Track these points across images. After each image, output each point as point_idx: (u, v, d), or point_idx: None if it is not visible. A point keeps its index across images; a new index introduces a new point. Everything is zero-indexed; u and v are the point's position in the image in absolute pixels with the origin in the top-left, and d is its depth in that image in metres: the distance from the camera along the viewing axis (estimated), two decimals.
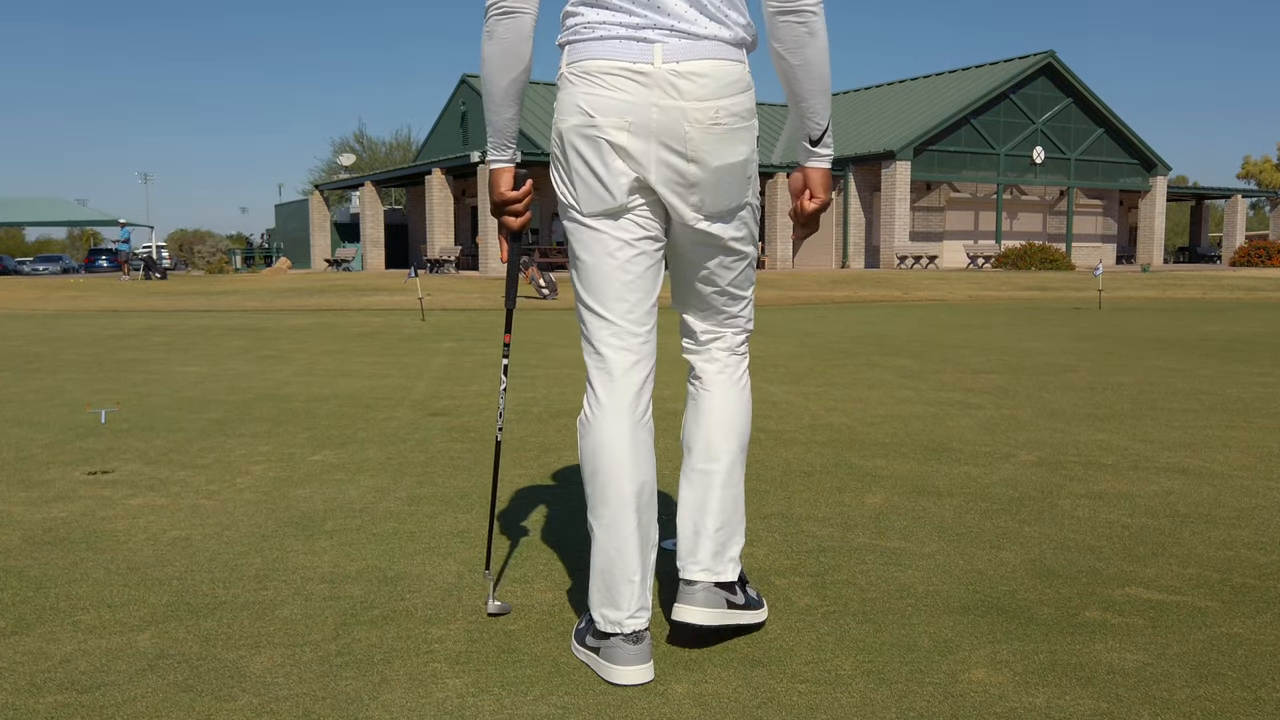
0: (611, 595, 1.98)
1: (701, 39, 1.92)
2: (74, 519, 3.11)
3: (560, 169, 2.02)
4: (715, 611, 2.06)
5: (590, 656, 2.01)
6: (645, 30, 1.91)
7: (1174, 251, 48.73)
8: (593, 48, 1.93)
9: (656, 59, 1.90)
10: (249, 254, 51.27)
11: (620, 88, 1.90)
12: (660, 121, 1.91)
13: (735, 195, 2.01)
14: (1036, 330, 10.65)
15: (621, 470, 1.98)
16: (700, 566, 2.07)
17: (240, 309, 15.61)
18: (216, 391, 5.95)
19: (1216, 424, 4.73)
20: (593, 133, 1.93)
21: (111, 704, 1.85)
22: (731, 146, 1.96)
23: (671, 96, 1.90)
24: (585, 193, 1.98)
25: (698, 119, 1.92)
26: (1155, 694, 1.88)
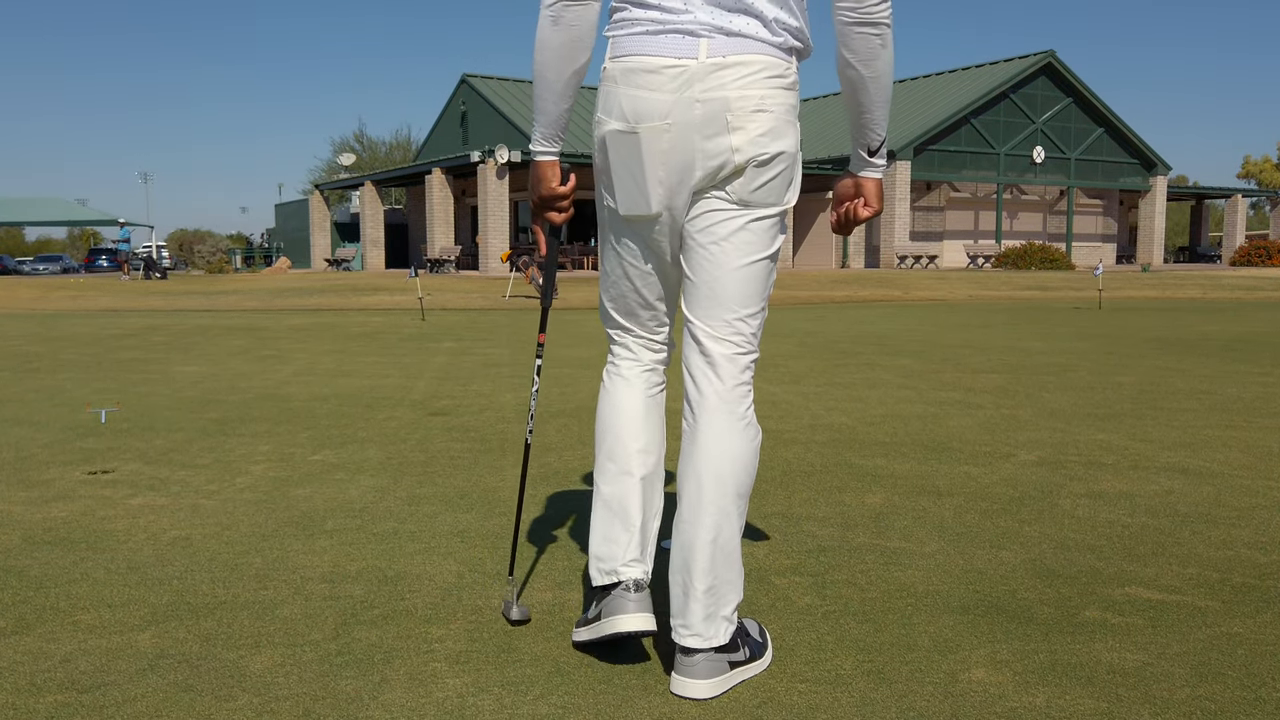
0: (609, 544, 2.02)
1: (748, 38, 1.86)
2: (74, 519, 3.11)
3: (601, 172, 1.99)
4: (718, 680, 1.89)
5: (593, 628, 2.01)
6: (692, 26, 1.86)
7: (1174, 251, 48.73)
8: (636, 42, 1.89)
9: (701, 53, 1.85)
10: (249, 254, 51.28)
11: (662, 87, 1.86)
12: (703, 117, 1.86)
13: (772, 194, 1.93)
14: (1036, 330, 10.65)
15: (630, 429, 2.06)
16: (691, 632, 1.90)
17: (240, 309, 15.61)
18: (216, 391, 5.95)
19: (1216, 424, 4.73)
20: (633, 140, 1.89)
21: (112, 703, 1.85)
22: (772, 141, 1.88)
23: (714, 89, 1.85)
24: (624, 196, 1.95)
25: (739, 108, 1.85)
26: (1155, 693, 1.88)
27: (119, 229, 30.91)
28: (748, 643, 1.99)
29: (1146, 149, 37.08)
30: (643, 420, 2.07)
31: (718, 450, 1.93)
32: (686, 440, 1.98)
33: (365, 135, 58.09)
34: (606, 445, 2.08)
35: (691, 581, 1.91)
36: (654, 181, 1.90)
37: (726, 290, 1.96)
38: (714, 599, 1.91)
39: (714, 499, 1.91)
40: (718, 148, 1.87)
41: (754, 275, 1.96)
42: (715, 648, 1.90)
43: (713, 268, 1.95)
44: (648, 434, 2.07)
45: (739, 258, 1.95)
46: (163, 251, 44.49)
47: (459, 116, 38.29)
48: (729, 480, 1.92)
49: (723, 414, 1.94)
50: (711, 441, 1.93)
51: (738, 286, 1.96)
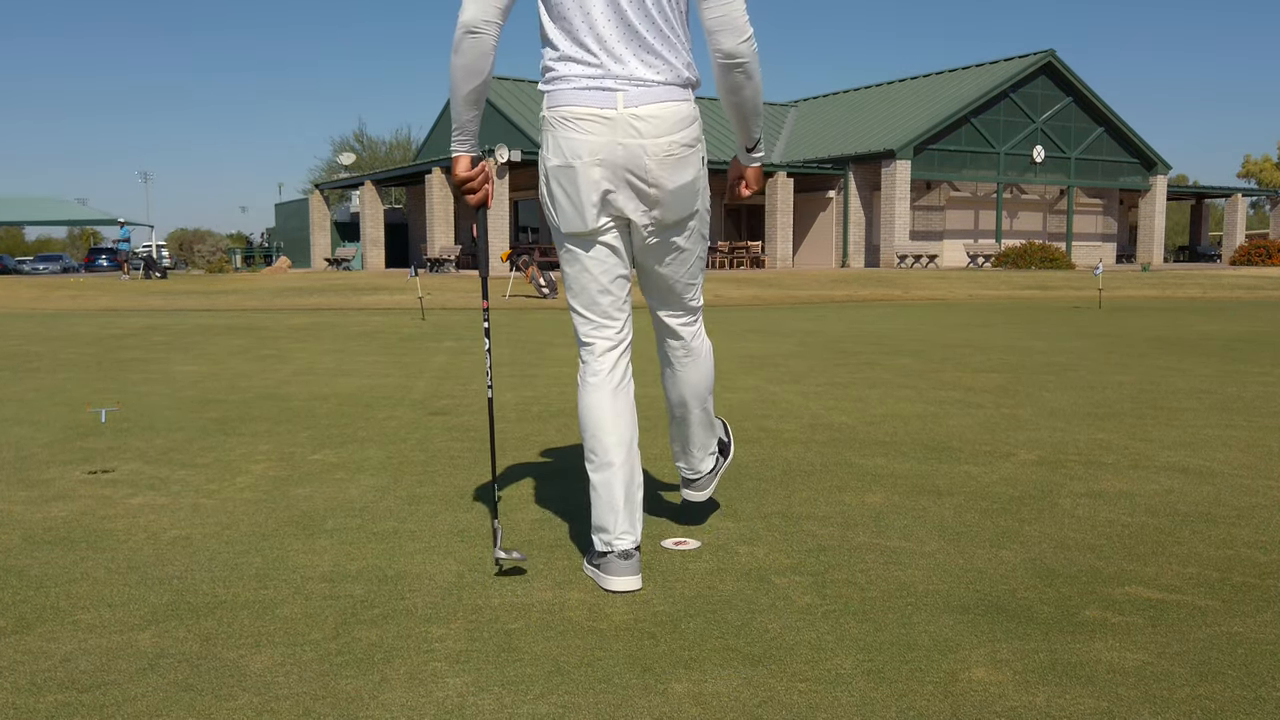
0: (602, 521, 2.50)
1: (653, 85, 2.37)
2: (74, 518, 3.11)
3: (546, 198, 2.49)
4: (710, 490, 2.96)
5: (594, 572, 2.53)
6: (607, 80, 2.35)
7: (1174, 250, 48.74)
8: (567, 95, 2.37)
9: (619, 105, 2.35)
10: (249, 253, 51.28)
11: (590, 130, 2.36)
12: (624, 156, 2.37)
13: (687, 206, 2.50)
14: (1036, 329, 10.65)
15: (605, 425, 2.51)
16: (691, 470, 2.92)
17: (240, 308, 15.60)
18: (216, 391, 5.95)
19: (1216, 423, 4.73)
20: (571, 172, 2.40)
21: (112, 703, 1.85)
22: (683, 171, 2.43)
23: (632, 136, 2.36)
24: (564, 218, 2.46)
25: (654, 153, 2.38)
26: (1155, 693, 1.88)
27: (119, 228, 30.89)
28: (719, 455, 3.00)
29: (1146, 148, 37.08)
30: (614, 416, 2.52)
31: (692, 377, 2.78)
32: (670, 369, 2.78)
33: (365, 135, 58.10)
34: (588, 441, 2.54)
35: (690, 445, 2.88)
36: (588, 205, 2.42)
37: (677, 288, 2.66)
38: (703, 449, 2.89)
39: (696, 403, 2.81)
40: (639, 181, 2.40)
41: (689, 263, 2.62)
42: (706, 471, 2.94)
43: (662, 277, 2.62)
44: (619, 428, 2.52)
45: (680, 266, 2.61)
46: (163, 251, 44.47)
47: None
48: (702, 391, 2.81)
49: (690, 358, 2.77)
50: (687, 373, 2.78)
51: (686, 283, 2.66)
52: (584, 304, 2.55)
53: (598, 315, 2.55)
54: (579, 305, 2.56)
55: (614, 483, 2.50)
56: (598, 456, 2.51)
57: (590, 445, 2.53)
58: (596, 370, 2.55)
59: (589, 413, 2.53)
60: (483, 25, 2.32)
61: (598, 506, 2.51)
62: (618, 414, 2.52)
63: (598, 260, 2.50)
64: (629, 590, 2.45)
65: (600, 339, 2.56)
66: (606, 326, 2.56)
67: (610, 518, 2.49)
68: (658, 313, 2.74)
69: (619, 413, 2.53)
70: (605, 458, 2.50)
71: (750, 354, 8.06)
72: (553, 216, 2.49)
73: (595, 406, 2.52)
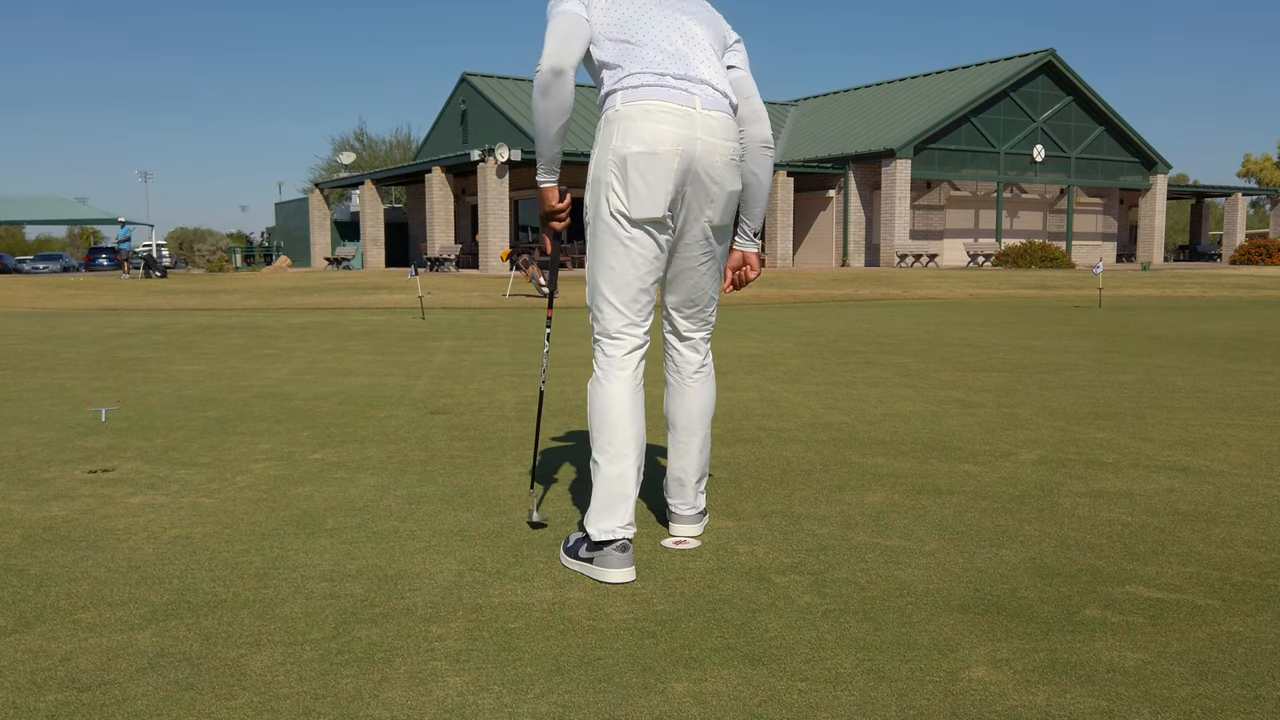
0: (611, 510, 2.53)
1: (718, 96, 2.60)
2: (74, 517, 3.11)
3: (616, 185, 2.54)
4: (700, 526, 2.92)
5: (583, 566, 2.56)
6: (684, 83, 2.56)
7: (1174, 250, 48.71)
8: (647, 92, 2.54)
9: (697, 105, 2.55)
10: (249, 252, 51.25)
11: (673, 124, 2.51)
12: (702, 151, 2.54)
13: (732, 213, 2.70)
14: (1036, 329, 10.65)
15: (625, 418, 2.57)
16: (689, 505, 2.89)
17: (240, 307, 15.61)
18: (216, 390, 5.95)
19: (1217, 422, 4.73)
20: (654, 158, 2.50)
21: (112, 702, 1.85)
22: (736, 178, 2.65)
23: (708, 134, 2.55)
24: (638, 202, 2.52)
25: (721, 153, 2.58)
26: (1155, 692, 1.88)
27: (120, 228, 30.88)
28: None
29: (1146, 147, 37.07)
30: (631, 411, 2.59)
31: (699, 399, 2.86)
32: (678, 391, 2.86)
33: (365, 134, 58.08)
34: (605, 433, 2.57)
35: (689, 477, 2.86)
36: (664, 191, 2.52)
37: (702, 299, 2.80)
38: (700, 483, 2.89)
39: (700, 425, 2.86)
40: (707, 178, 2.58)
41: (716, 276, 2.79)
42: (699, 510, 2.92)
43: (696, 284, 2.76)
44: (636, 423, 2.59)
45: (712, 274, 2.77)
46: (163, 250, 44.46)
47: (459, 115, 38.27)
48: (708, 415, 2.88)
49: (702, 378, 2.87)
50: (696, 394, 2.85)
51: (711, 295, 2.81)
52: (623, 299, 2.60)
53: (634, 313, 2.62)
54: (616, 299, 2.60)
55: (629, 474, 2.54)
56: (613, 448, 2.55)
57: (606, 437, 2.56)
58: (622, 365, 2.61)
59: (610, 405, 2.57)
60: (567, 67, 2.53)
61: (606, 497, 2.54)
62: (636, 410, 2.60)
63: (646, 253, 2.57)
64: (628, 581, 2.48)
65: (630, 336, 2.63)
66: (638, 325, 2.64)
67: (621, 507, 2.53)
68: (679, 323, 2.83)
69: (637, 408, 2.60)
70: (621, 449, 2.55)
71: (750, 353, 8.06)
72: (621, 202, 2.53)
73: (617, 400, 2.57)
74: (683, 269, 2.73)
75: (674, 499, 2.90)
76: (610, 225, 2.56)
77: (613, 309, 2.61)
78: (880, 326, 11.09)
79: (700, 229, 2.65)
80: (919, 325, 11.27)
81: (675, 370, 2.87)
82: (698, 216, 2.62)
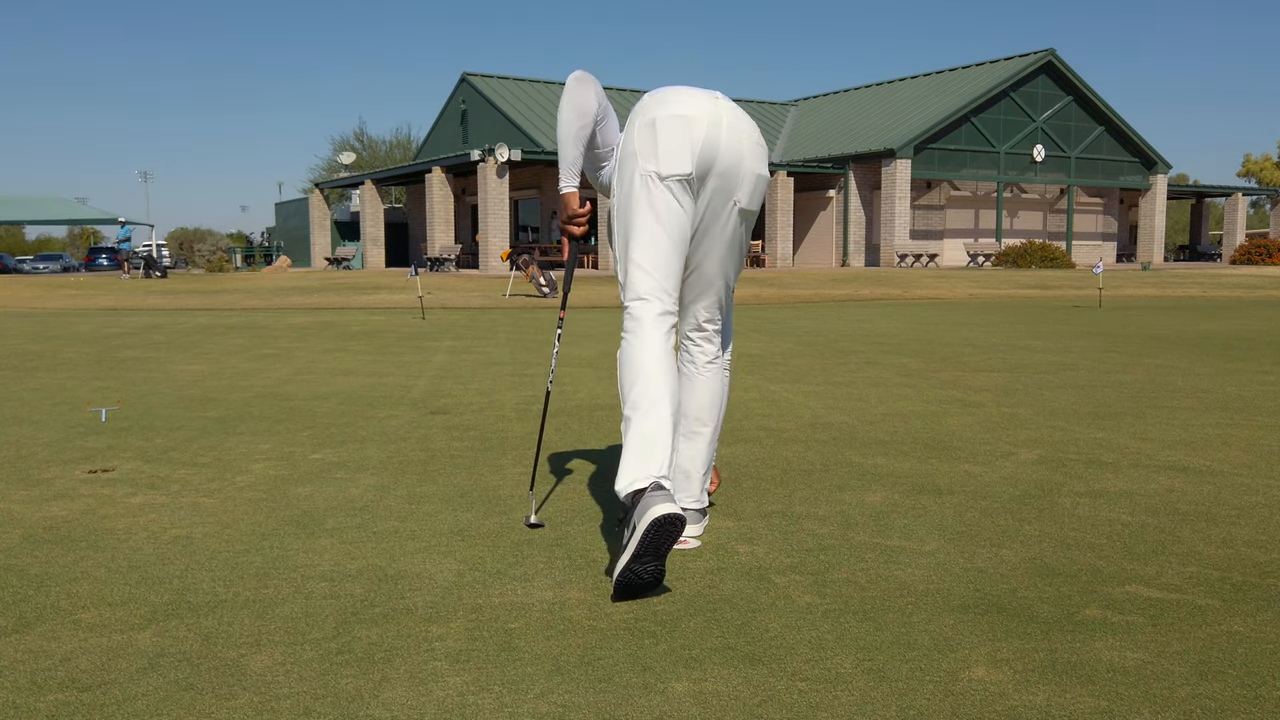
0: (646, 460, 2.44)
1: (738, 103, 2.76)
2: (74, 517, 3.11)
3: (648, 144, 2.60)
4: (701, 526, 2.91)
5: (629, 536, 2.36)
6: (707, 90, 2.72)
7: (1174, 250, 48.70)
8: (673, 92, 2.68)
9: (721, 97, 2.69)
10: (249, 252, 51.21)
11: (702, 107, 2.63)
12: (728, 132, 2.63)
13: (758, 200, 2.75)
14: (1036, 328, 10.65)
15: (658, 368, 2.54)
16: (693, 498, 2.88)
17: (240, 307, 15.61)
18: (217, 390, 5.95)
19: (1217, 422, 4.73)
20: (685, 120, 2.60)
21: (112, 702, 1.85)
22: (763, 165, 2.73)
23: (734, 120, 2.66)
24: (668, 157, 2.58)
25: (750, 139, 2.68)
26: (1155, 692, 1.88)
27: (120, 228, 30.87)
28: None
29: (1146, 147, 37.06)
30: (664, 363, 2.56)
31: (711, 392, 2.89)
32: (690, 381, 2.88)
33: (365, 134, 58.04)
34: (638, 387, 2.53)
35: (696, 468, 2.86)
36: (694, 148, 2.59)
37: (719, 282, 2.82)
38: (705, 476, 2.89)
39: (711, 418, 2.89)
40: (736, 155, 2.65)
41: (738, 264, 2.83)
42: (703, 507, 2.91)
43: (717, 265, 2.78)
44: (670, 377, 2.56)
45: (734, 258, 2.80)
46: (163, 250, 44.45)
47: (459, 115, 38.27)
48: (720, 408, 2.91)
49: (715, 370, 2.91)
50: (708, 387, 2.88)
51: (729, 282, 2.84)
52: (653, 262, 2.60)
53: (663, 277, 2.61)
54: (646, 262, 2.60)
55: (665, 423, 2.48)
56: (646, 399, 2.50)
57: (639, 389, 2.51)
58: (655, 325, 2.58)
59: (643, 357, 2.54)
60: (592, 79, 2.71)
61: (639, 448, 2.44)
62: (669, 363, 2.57)
63: (674, 216, 2.61)
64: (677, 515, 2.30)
65: (658, 301, 2.60)
66: (668, 293, 2.62)
67: (656, 455, 2.44)
68: (695, 310, 2.86)
69: (670, 363, 2.58)
70: (656, 400, 2.50)
71: (750, 353, 8.06)
72: (653, 157, 2.59)
73: (649, 352, 2.54)
74: (707, 252, 2.75)
75: (678, 493, 2.87)
76: (640, 191, 2.60)
77: (642, 272, 2.60)
78: (880, 326, 11.09)
79: (727, 211, 2.69)
80: (919, 325, 11.27)
81: (690, 360, 2.90)
82: (725, 199, 2.67)
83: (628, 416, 2.52)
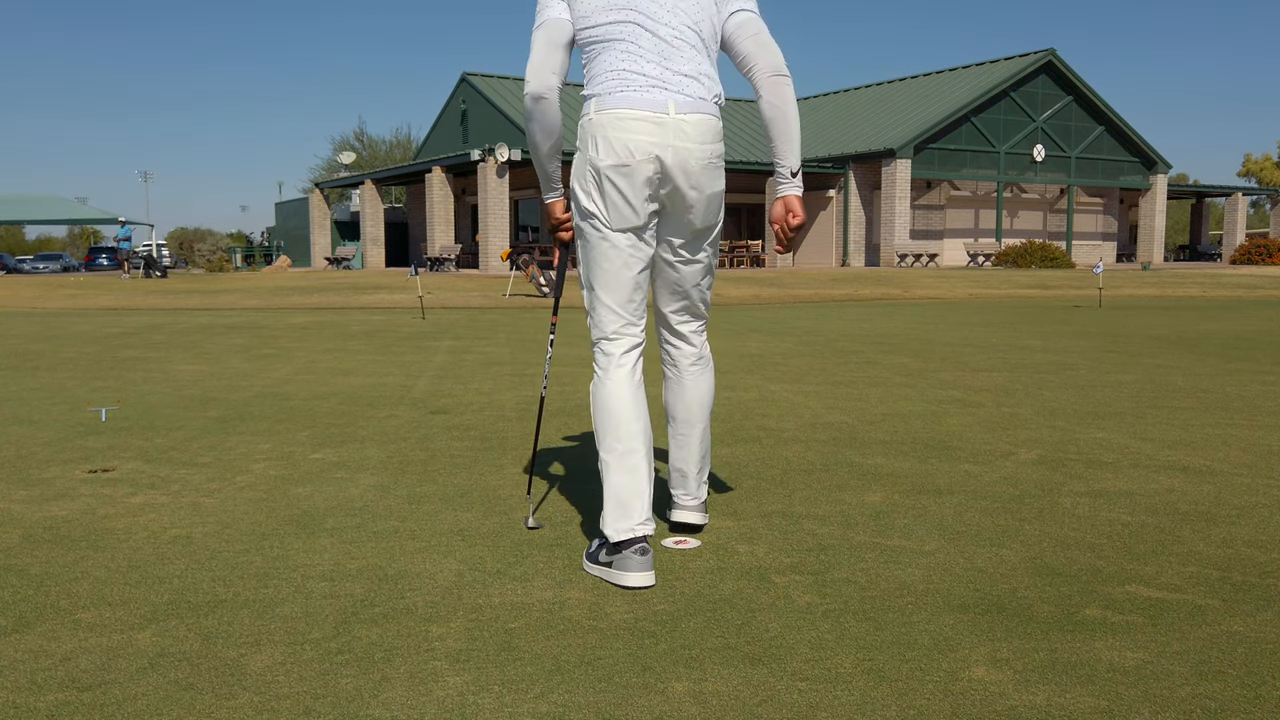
0: (625, 509, 2.52)
1: (696, 99, 2.56)
2: (74, 517, 3.11)
3: (594, 195, 2.58)
4: (704, 515, 2.94)
5: (604, 570, 2.53)
6: (659, 89, 2.54)
7: (1174, 249, 48.72)
8: (621, 99, 2.53)
9: (671, 110, 2.53)
10: (249, 252, 51.21)
11: (646, 132, 2.51)
12: (674, 158, 2.54)
13: (715, 214, 2.69)
14: (1036, 328, 10.65)
15: (630, 413, 2.58)
16: (690, 496, 2.91)
17: (240, 307, 15.61)
18: (217, 390, 5.95)
19: (1217, 422, 4.73)
20: (626, 170, 2.52)
21: (112, 702, 1.85)
22: (717, 180, 2.64)
23: (682, 139, 2.54)
24: (616, 214, 2.56)
25: (699, 157, 2.57)
26: (1155, 692, 1.88)
27: (120, 227, 30.87)
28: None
29: (1147, 147, 37.06)
30: (635, 405, 2.60)
31: (698, 390, 2.88)
32: (675, 384, 2.89)
33: (365, 134, 58.06)
34: (612, 430, 2.58)
35: (690, 468, 2.90)
36: (641, 200, 2.55)
37: (694, 293, 2.81)
38: (701, 474, 2.92)
39: (700, 416, 2.89)
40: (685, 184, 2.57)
41: (706, 273, 2.80)
42: (702, 501, 2.93)
43: (683, 279, 2.77)
44: (641, 418, 2.60)
45: (701, 270, 2.78)
46: (163, 250, 44.45)
47: (459, 115, 38.27)
48: (707, 405, 2.91)
49: (699, 369, 2.89)
50: (694, 385, 2.88)
51: (704, 289, 2.83)
52: (617, 301, 2.63)
53: (628, 314, 2.65)
54: (611, 301, 2.64)
55: (640, 469, 2.55)
56: (621, 444, 2.56)
57: (614, 434, 2.57)
58: (621, 364, 2.63)
59: (613, 402, 2.59)
60: (547, 91, 2.56)
61: (619, 495, 2.53)
62: (639, 405, 2.61)
63: (635, 255, 2.61)
64: (647, 586, 2.46)
65: (627, 336, 2.65)
66: (633, 325, 2.67)
67: (637, 504, 2.52)
68: (671, 318, 2.86)
69: (640, 404, 2.62)
70: (630, 444, 2.56)
71: (750, 353, 8.06)
72: (601, 213, 2.57)
73: (620, 396, 2.59)
74: (669, 270, 2.76)
75: (676, 489, 2.94)
76: (594, 237, 2.61)
77: (607, 310, 2.64)
78: (880, 326, 11.09)
79: (683, 234, 2.68)
80: (919, 325, 11.27)
81: (672, 364, 2.90)
82: (679, 222, 2.65)
83: (604, 460, 2.58)
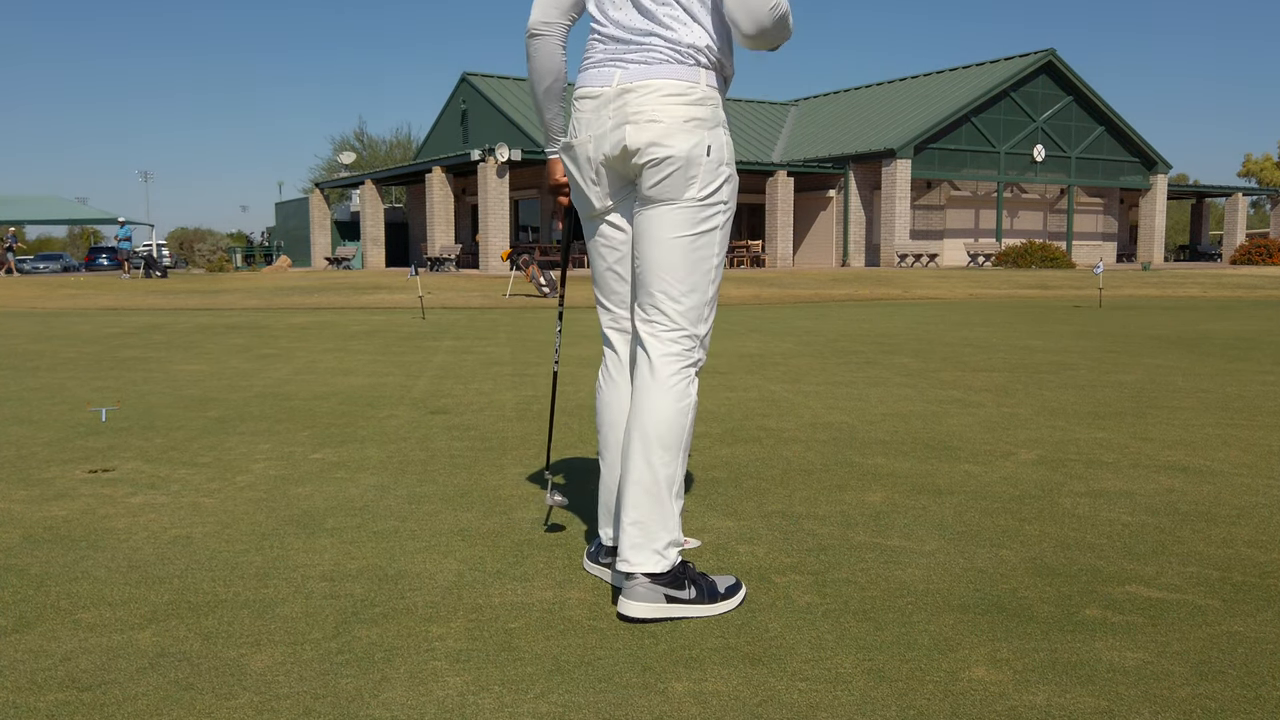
0: (609, 517, 2.50)
1: (655, 63, 2.25)
2: (75, 517, 3.11)
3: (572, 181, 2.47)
4: (651, 606, 2.22)
5: (601, 571, 2.52)
6: (614, 59, 2.30)
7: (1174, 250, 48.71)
8: (584, 76, 2.37)
9: (615, 81, 2.28)
10: (249, 252, 51.20)
11: (587, 109, 2.33)
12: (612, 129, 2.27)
13: (676, 188, 2.26)
14: (1037, 328, 10.65)
15: (618, 427, 2.48)
16: (621, 558, 2.28)
17: (240, 307, 15.61)
18: (217, 390, 5.95)
19: (1217, 422, 4.73)
20: (572, 152, 2.40)
21: (112, 702, 1.85)
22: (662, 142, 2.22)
23: (618, 107, 2.26)
24: (578, 201, 2.47)
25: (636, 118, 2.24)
26: (1155, 692, 1.88)
27: (120, 227, 30.87)
28: (698, 586, 2.28)
29: (1147, 147, 37.06)
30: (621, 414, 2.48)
31: (644, 410, 2.28)
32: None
33: (365, 134, 58.08)
34: (601, 437, 2.54)
35: (621, 515, 2.28)
36: (590, 184, 2.39)
37: (648, 273, 2.32)
38: (641, 532, 2.25)
39: (639, 449, 2.27)
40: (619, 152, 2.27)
41: (668, 259, 2.29)
42: (649, 575, 2.23)
43: (638, 256, 2.35)
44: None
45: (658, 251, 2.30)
46: (163, 250, 44.46)
47: (459, 115, 38.27)
48: (651, 435, 2.26)
49: (650, 380, 2.30)
50: (639, 401, 2.30)
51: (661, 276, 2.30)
52: (601, 290, 2.53)
53: (609, 301, 2.51)
54: (597, 292, 2.55)
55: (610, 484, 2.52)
56: (610, 453, 2.51)
57: (605, 441, 2.52)
58: (619, 370, 2.51)
59: (605, 411, 2.51)
60: (543, 27, 2.38)
61: (605, 502, 2.53)
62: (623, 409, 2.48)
63: (604, 239, 2.46)
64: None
65: (614, 329, 2.52)
66: (615, 310, 2.51)
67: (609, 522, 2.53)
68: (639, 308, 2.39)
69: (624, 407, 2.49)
70: (612, 459, 2.51)
71: (750, 353, 8.06)
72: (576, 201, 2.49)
73: (614, 405, 2.49)
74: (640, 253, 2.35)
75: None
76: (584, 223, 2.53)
77: (600, 307, 2.55)
78: (880, 326, 11.09)
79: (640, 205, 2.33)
80: (919, 325, 11.27)
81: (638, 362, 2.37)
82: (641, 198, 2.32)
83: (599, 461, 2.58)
